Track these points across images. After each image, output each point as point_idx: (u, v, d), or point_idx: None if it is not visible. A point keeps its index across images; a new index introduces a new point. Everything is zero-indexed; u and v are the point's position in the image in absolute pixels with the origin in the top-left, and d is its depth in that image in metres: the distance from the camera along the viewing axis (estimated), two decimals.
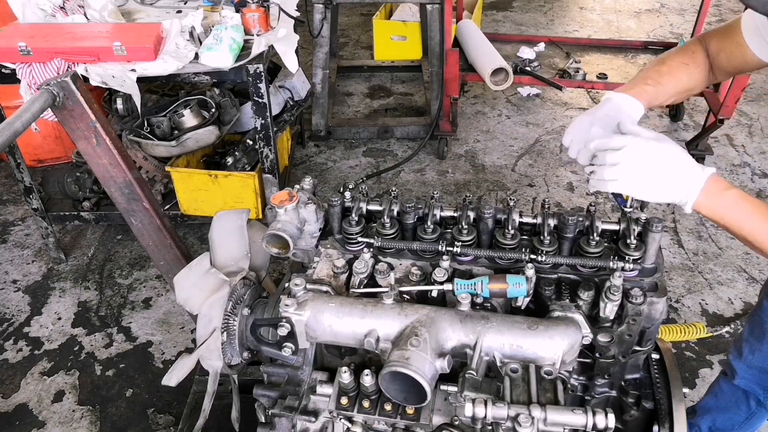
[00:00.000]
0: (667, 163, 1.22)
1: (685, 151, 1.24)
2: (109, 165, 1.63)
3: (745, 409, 1.89)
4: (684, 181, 1.21)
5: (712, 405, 1.99)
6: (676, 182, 1.22)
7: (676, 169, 1.22)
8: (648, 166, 1.21)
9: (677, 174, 1.22)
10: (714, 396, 1.99)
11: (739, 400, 1.89)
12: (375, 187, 3.72)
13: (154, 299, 2.98)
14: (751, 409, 1.87)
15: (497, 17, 5.93)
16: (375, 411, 1.28)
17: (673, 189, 1.22)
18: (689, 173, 1.22)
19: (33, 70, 2.41)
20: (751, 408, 1.87)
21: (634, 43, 4.42)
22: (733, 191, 1.23)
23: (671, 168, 1.22)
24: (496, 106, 4.51)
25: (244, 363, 1.42)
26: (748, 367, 1.79)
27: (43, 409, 2.50)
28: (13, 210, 3.60)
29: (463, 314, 1.22)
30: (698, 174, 1.22)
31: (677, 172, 1.22)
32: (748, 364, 1.78)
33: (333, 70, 4.55)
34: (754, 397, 1.84)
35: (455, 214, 1.44)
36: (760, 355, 1.75)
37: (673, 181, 1.22)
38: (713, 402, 1.99)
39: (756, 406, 1.86)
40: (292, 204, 1.40)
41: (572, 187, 3.68)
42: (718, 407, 1.97)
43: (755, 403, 1.85)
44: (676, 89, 1.52)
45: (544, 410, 1.08)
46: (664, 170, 1.21)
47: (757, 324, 1.74)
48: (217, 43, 2.50)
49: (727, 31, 1.47)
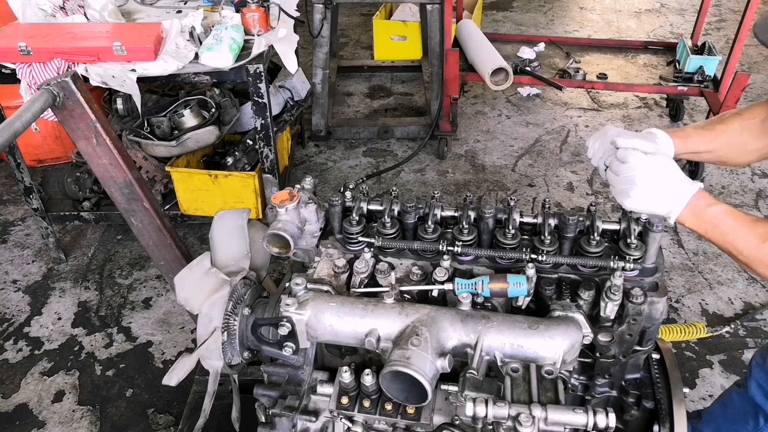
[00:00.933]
0: (658, 178, 1.27)
1: (675, 165, 1.30)
2: (110, 165, 1.63)
3: (752, 423, 1.81)
4: (670, 195, 1.27)
5: (719, 413, 1.94)
6: (663, 196, 1.27)
7: (665, 184, 1.27)
8: (641, 183, 1.26)
9: (665, 188, 1.27)
10: (723, 405, 1.94)
11: (747, 413, 1.82)
12: (375, 187, 3.72)
13: (154, 299, 2.98)
14: (759, 425, 1.80)
15: (497, 17, 5.93)
16: (375, 410, 1.28)
17: (659, 203, 1.27)
18: (676, 188, 1.27)
19: (33, 70, 2.41)
20: (759, 424, 1.80)
21: (634, 43, 4.41)
22: (717, 207, 1.28)
23: (661, 183, 1.27)
24: (496, 106, 4.51)
25: (244, 363, 1.42)
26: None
27: (43, 409, 2.50)
28: (13, 210, 3.60)
29: (464, 314, 1.22)
30: (685, 189, 1.27)
31: (666, 186, 1.27)
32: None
33: (333, 70, 4.55)
34: (764, 412, 1.78)
35: (456, 214, 1.45)
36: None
37: (661, 196, 1.27)
38: (721, 410, 1.94)
39: (764, 422, 1.79)
40: (292, 204, 1.40)
41: (572, 187, 3.68)
42: (725, 417, 1.91)
43: (764, 420, 1.79)
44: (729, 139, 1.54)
45: (545, 410, 1.08)
46: (654, 185, 1.27)
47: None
48: (217, 43, 2.50)
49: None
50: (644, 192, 1.27)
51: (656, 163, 1.29)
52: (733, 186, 3.68)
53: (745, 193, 3.63)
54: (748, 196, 3.60)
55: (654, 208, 1.28)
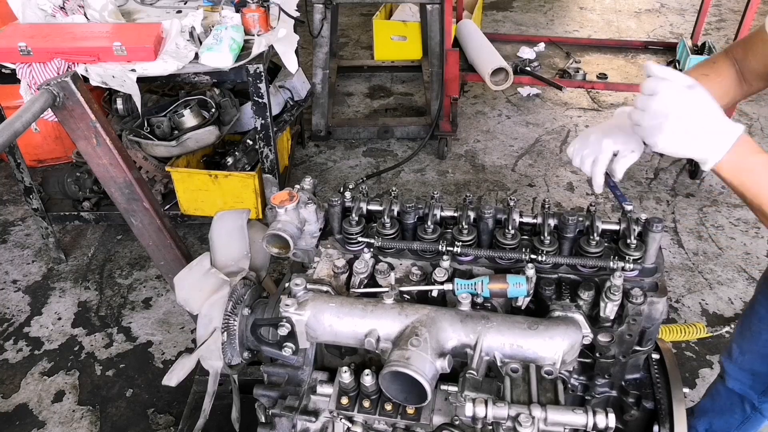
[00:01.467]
0: (697, 115, 1.11)
1: (715, 103, 1.12)
2: (110, 165, 1.63)
3: (740, 412, 1.85)
4: (712, 136, 1.11)
5: (708, 407, 1.97)
6: (703, 136, 1.11)
7: (706, 122, 1.11)
8: (677, 116, 1.11)
9: (706, 127, 1.11)
10: (711, 398, 1.96)
11: (734, 404, 1.85)
12: (375, 187, 3.72)
13: (154, 299, 2.98)
14: (746, 413, 1.84)
15: (497, 17, 5.93)
16: (375, 411, 1.28)
17: (698, 143, 1.11)
18: (719, 128, 1.11)
19: (33, 70, 2.41)
20: (746, 412, 1.84)
21: (634, 43, 4.42)
22: (763, 156, 1.12)
23: (700, 120, 1.11)
24: (496, 106, 4.51)
25: (244, 363, 1.42)
26: (740, 369, 1.76)
27: (43, 409, 2.50)
28: (13, 210, 3.60)
29: (464, 314, 1.22)
30: (729, 130, 1.11)
31: (706, 125, 1.11)
32: (739, 365, 1.76)
33: (333, 70, 4.55)
34: (749, 401, 1.81)
35: (455, 214, 1.44)
36: (750, 356, 1.72)
37: (700, 135, 1.11)
38: (710, 404, 1.96)
39: (751, 410, 1.82)
40: (292, 204, 1.40)
41: (572, 187, 3.68)
42: (715, 410, 1.94)
43: (750, 408, 1.82)
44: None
45: (545, 410, 1.08)
46: (693, 122, 1.10)
47: (747, 324, 1.71)
48: (217, 43, 2.50)
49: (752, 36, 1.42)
50: (679, 128, 1.10)
51: (694, 96, 1.11)
52: None
53: None
54: None
55: (689, 150, 1.12)
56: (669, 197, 3.61)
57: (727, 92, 1.47)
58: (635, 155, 1.34)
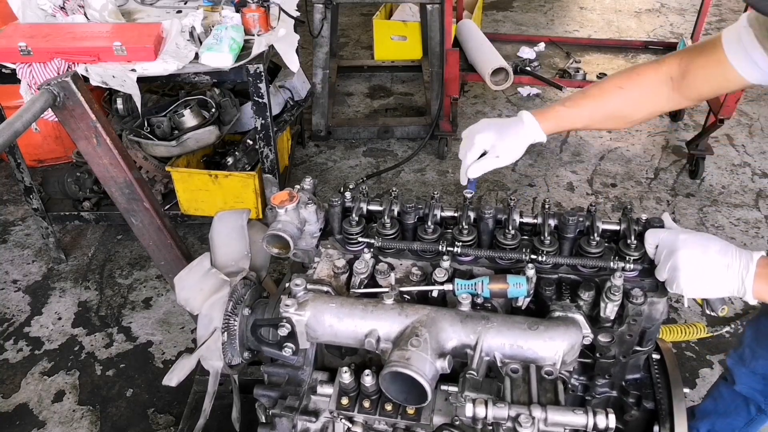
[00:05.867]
0: (718, 260, 1.20)
1: (727, 243, 1.22)
2: (110, 165, 1.63)
3: (744, 414, 1.84)
4: (736, 272, 1.19)
5: (711, 409, 1.95)
6: (729, 276, 1.19)
7: (727, 263, 1.20)
8: (703, 268, 1.20)
9: (728, 267, 1.20)
10: (713, 400, 1.94)
11: (738, 406, 1.84)
12: (375, 187, 3.72)
13: (155, 299, 2.98)
14: (751, 414, 1.82)
15: (497, 17, 5.92)
16: (375, 411, 1.28)
17: (728, 283, 1.20)
18: (738, 263, 1.20)
19: (33, 70, 2.41)
20: (751, 414, 1.82)
21: (634, 43, 4.42)
22: None
23: (722, 263, 1.20)
24: (496, 106, 4.51)
25: (244, 363, 1.42)
26: (752, 373, 1.74)
27: (44, 409, 2.50)
28: (14, 210, 3.60)
29: (464, 314, 1.22)
30: (748, 261, 1.20)
31: (728, 266, 1.20)
32: (752, 369, 1.74)
33: (333, 70, 4.54)
34: (755, 403, 1.79)
35: (455, 215, 1.44)
36: (764, 361, 1.70)
37: (726, 276, 1.20)
38: (712, 406, 1.94)
39: (756, 412, 1.81)
40: (292, 204, 1.40)
41: (572, 187, 3.68)
42: (717, 411, 1.92)
43: (755, 410, 1.81)
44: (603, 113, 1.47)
45: (545, 410, 1.08)
46: (717, 267, 1.20)
47: (761, 329, 1.69)
48: (217, 43, 2.50)
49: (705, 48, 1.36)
50: (693, 276, 1.20)
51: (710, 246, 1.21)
52: (733, 186, 3.68)
53: (745, 193, 3.63)
54: (748, 196, 3.60)
55: (716, 293, 1.22)
56: (669, 197, 3.61)
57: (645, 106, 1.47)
58: (498, 161, 1.47)
